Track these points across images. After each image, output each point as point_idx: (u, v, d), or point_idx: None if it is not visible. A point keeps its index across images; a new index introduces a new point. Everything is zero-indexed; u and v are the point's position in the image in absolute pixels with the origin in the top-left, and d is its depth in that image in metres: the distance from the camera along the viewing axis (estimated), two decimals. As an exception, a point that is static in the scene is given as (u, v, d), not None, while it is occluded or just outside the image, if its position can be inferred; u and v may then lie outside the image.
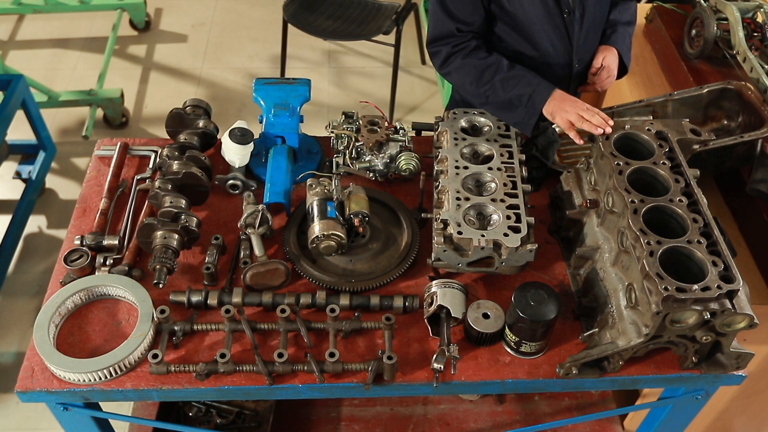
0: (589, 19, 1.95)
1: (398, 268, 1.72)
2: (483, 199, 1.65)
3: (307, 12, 3.57)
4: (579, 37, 1.95)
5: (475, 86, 1.88)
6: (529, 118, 1.84)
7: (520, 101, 1.83)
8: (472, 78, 1.89)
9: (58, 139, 3.70)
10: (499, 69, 1.86)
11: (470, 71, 1.88)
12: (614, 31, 2.06)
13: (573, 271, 1.75)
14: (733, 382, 1.62)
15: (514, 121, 1.87)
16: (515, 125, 1.88)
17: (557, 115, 1.81)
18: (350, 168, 1.93)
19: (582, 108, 1.78)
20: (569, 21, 1.91)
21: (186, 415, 2.20)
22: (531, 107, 1.83)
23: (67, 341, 1.58)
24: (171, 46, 4.38)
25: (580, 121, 1.75)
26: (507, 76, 1.85)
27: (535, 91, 1.82)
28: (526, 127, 1.86)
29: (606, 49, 2.04)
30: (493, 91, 1.86)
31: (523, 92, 1.83)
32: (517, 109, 1.85)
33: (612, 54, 2.03)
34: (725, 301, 1.40)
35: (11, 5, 4.11)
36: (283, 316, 1.57)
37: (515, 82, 1.84)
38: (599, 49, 2.04)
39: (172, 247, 1.64)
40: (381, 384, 1.55)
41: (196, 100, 2.03)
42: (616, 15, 2.07)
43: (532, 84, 1.83)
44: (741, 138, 1.94)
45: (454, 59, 1.90)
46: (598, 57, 2.03)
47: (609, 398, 2.30)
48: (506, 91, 1.84)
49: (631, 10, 2.11)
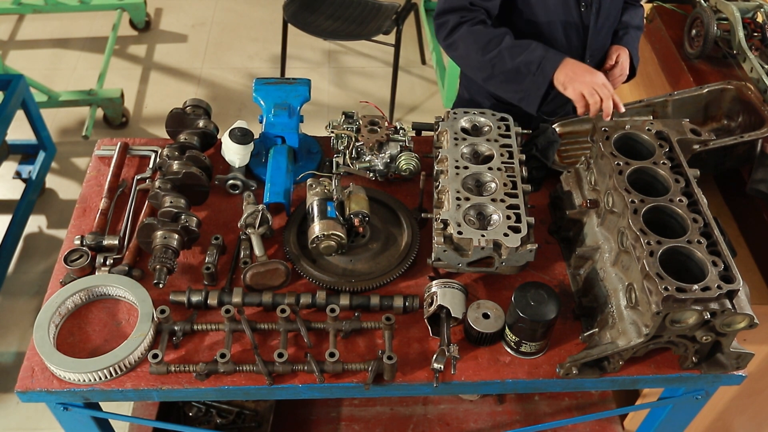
0: (604, 15, 1.98)
1: (398, 268, 1.72)
2: (483, 199, 1.65)
3: (307, 12, 3.57)
4: (593, 32, 1.97)
5: (481, 54, 1.80)
6: (537, 87, 1.75)
7: (529, 69, 1.74)
8: (478, 46, 1.80)
9: (58, 139, 3.70)
10: (506, 37, 1.79)
11: (477, 39, 1.81)
12: (627, 32, 2.09)
13: (573, 271, 1.75)
14: (733, 382, 1.62)
15: (520, 96, 1.78)
16: (521, 101, 1.79)
17: (570, 85, 1.71)
18: (350, 168, 1.93)
19: (598, 82, 1.68)
20: (585, 15, 1.93)
21: (186, 415, 2.20)
22: (540, 75, 1.73)
23: (67, 341, 1.58)
24: (171, 46, 4.38)
25: (592, 96, 1.66)
26: (515, 43, 1.77)
27: (545, 57, 1.74)
28: (534, 99, 1.77)
29: (620, 48, 2.07)
30: (500, 59, 1.77)
31: (532, 59, 1.74)
32: (525, 79, 1.76)
33: (625, 54, 2.06)
34: (725, 301, 1.40)
35: (11, 5, 4.11)
36: (283, 316, 1.57)
37: (523, 50, 1.75)
38: (613, 47, 2.07)
39: (172, 247, 1.64)
40: (381, 384, 1.55)
41: (196, 100, 2.03)
42: (628, 18, 2.11)
43: (542, 51, 1.75)
44: (741, 138, 1.94)
45: (460, 28, 1.84)
46: (612, 55, 2.05)
47: (609, 398, 2.30)
48: (513, 58, 1.75)
49: (640, 15, 2.15)
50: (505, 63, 1.77)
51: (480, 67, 1.84)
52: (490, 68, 1.80)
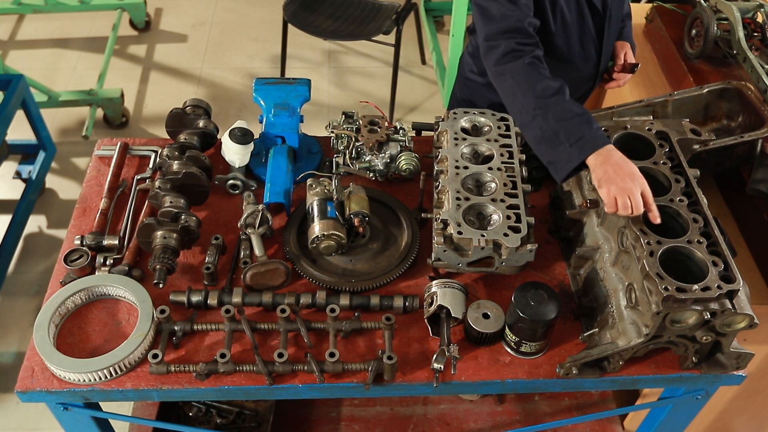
0: (615, 21, 1.99)
1: (398, 268, 1.72)
2: (483, 199, 1.65)
3: (307, 12, 3.57)
4: (607, 39, 1.99)
5: (528, 98, 1.65)
6: (568, 161, 1.59)
7: (568, 138, 1.58)
8: (528, 88, 1.65)
9: (58, 139, 3.70)
10: (560, 92, 1.64)
11: (530, 80, 1.66)
12: (624, 26, 2.10)
13: (573, 271, 1.75)
14: (733, 382, 1.62)
15: (550, 159, 1.63)
16: (549, 165, 1.64)
17: (605, 186, 1.53)
18: (350, 168, 1.93)
19: (636, 191, 1.50)
20: (600, 24, 1.94)
21: (186, 415, 2.20)
22: (575, 150, 1.57)
23: (67, 341, 1.58)
24: (171, 46, 4.38)
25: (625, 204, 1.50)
26: (567, 103, 1.62)
27: (588, 135, 1.57)
28: (562, 170, 1.61)
29: (624, 45, 2.08)
30: (544, 113, 1.61)
31: (575, 130, 1.57)
32: (559, 146, 1.60)
33: (629, 49, 2.08)
34: (725, 301, 1.40)
35: (11, 5, 4.11)
36: (283, 316, 1.57)
37: (571, 115, 1.59)
38: (617, 46, 2.08)
39: (172, 247, 1.64)
40: (381, 384, 1.55)
41: (196, 100, 2.03)
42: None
43: (588, 127, 1.58)
44: (741, 138, 1.94)
45: (516, 60, 1.69)
46: (620, 54, 2.06)
47: (609, 398, 2.30)
48: (558, 119, 1.60)
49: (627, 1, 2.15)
50: (548, 119, 1.61)
51: (522, 110, 1.68)
52: (530, 116, 1.65)
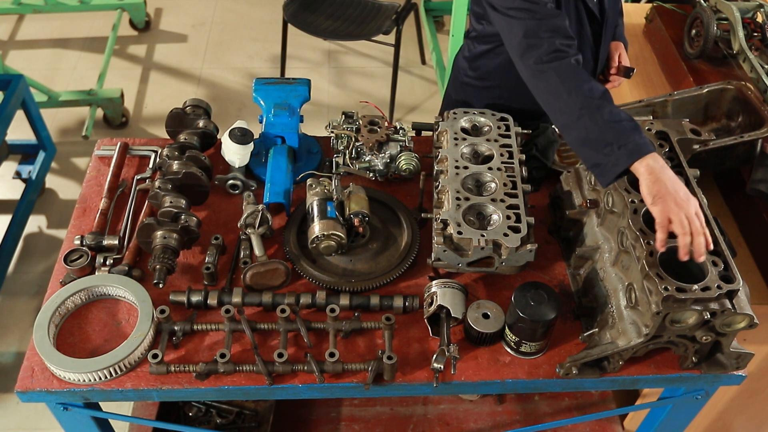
0: (610, 27, 1.99)
1: (398, 268, 1.72)
2: (483, 199, 1.65)
3: (307, 12, 3.57)
4: (604, 45, 1.98)
5: (575, 96, 1.56)
6: (614, 164, 1.51)
7: (617, 140, 1.50)
8: (574, 85, 1.57)
9: (58, 139, 3.70)
10: (606, 96, 1.57)
11: (577, 79, 1.58)
12: (617, 25, 2.09)
13: (573, 271, 1.75)
14: (733, 382, 1.62)
15: (595, 161, 1.55)
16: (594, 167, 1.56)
17: (660, 204, 1.44)
18: (350, 168, 1.93)
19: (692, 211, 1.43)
20: (597, 31, 1.94)
21: (186, 415, 2.20)
22: (624, 154, 1.49)
23: (67, 341, 1.58)
24: (171, 46, 4.38)
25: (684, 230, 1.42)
26: (614, 108, 1.54)
27: (636, 139, 1.49)
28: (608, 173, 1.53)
29: (618, 46, 2.07)
30: (592, 112, 1.54)
31: (623, 135, 1.50)
32: (605, 148, 1.51)
33: (623, 50, 2.08)
34: (725, 301, 1.40)
35: (11, 5, 4.11)
36: (283, 316, 1.57)
37: (620, 119, 1.52)
38: (612, 46, 2.07)
39: (172, 247, 1.64)
40: (381, 384, 1.55)
41: (196, 100, 2.03)
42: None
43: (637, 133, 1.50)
44: (741, 138, 1.94)
45: (560, 58, 1.61)
46: (615, 55, 2.06)
47: (609, 398, 2.30)
48: (606, 121, 1.52)
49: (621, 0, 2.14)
50: (596, 120, 1.53)
51: (566, 109, 1.59)
52: (576, 117, 1.56)
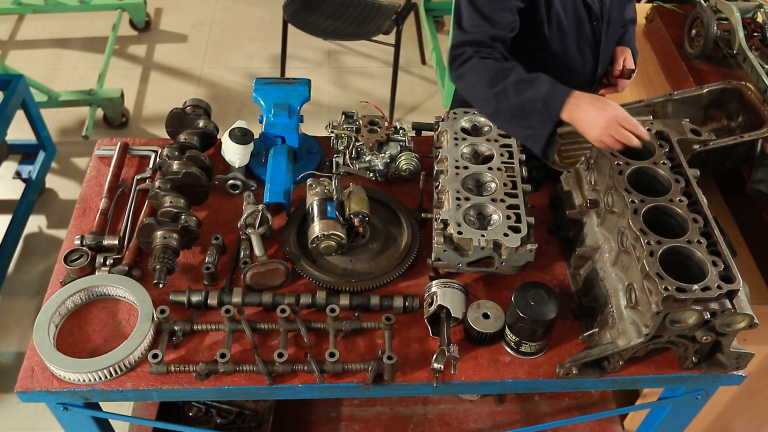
0: (614, 25, 1.98)
1: (398, 268, 1.72)
2: (483, 199, 1.65)
3: (307, 12, 3.57)
4: (605, 44, 1.97)
5: (487, 87, 1.70)
6: (543, 126, 1.64)
7: (534, 106, 1.63)
8: (485, 78, 1.70)
9: (58, 139, 3.70)
10: (514, 72, 1.68)
11: (484, 72, 1.71)
12: (626, 30, 2.09)
13: (573, 271, 1.75)
14: (733, 382, 1.62)
15: (526, 134, 1.69)
16: (527, 140, 1.70)
17: (589, 133, 1.60)
18: (350, 168, 1.93)
19: (612, 123, 1.57)
20: (598, 29, 1.93)
21: (186, 415, 2.20)
22: (546, 112, 1.63)
23: (67, 341, 1.58)
24: (171, 46, 4.38)
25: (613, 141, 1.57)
26: (522, 78, 1.67)
27: (550, 93, 1.63)
28: (539, 138, 1.67)
29: (624, 50, 2.06)
30: (505, 95, 1.67)
31: (537, 95, 1.63)
32: (530, 116, 1.65)
33: (629, 54, 2.06)
34: (725, 301, 1.40)
35: (11, 5, 4.11)
36: (283, 316, 1.57)
37: (529, 85, 1.65)
38: (617, 51, 2.06)
39: (172, 247, 1.64)
40: (381, 384, 1.55)
41: (196, 100, 2.03)
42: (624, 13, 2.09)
43: (548, 86, 1.64)
44: (741, 138, 1.94)
45: (471, 60, 1.74)
46: (619, 59, 2.05)
47: (609, 398, 2.30)
48: (519, 93, 1.65)
49: (633, 7, 2.13)
50: (510, 98, 1.66)
51: (486, 100, 1.72)
52: (495, 103, 1.70)
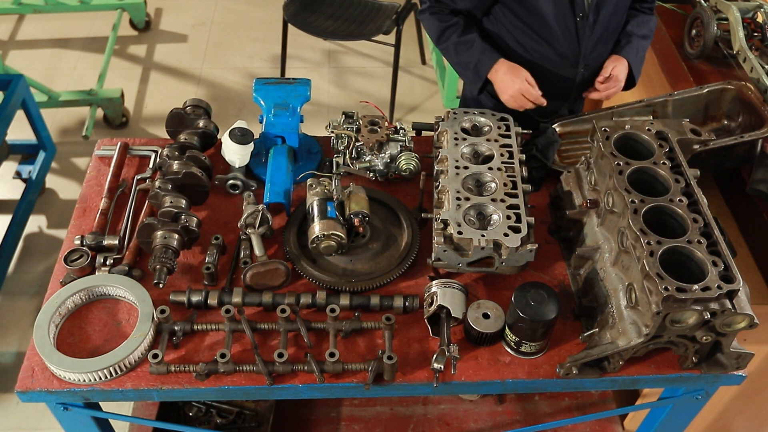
0: (602, 26, 1.95)
1: (398, 268, 1.72)
2: (483, 199, 1.65)
3: (307, 12, 3.57)
4: (588, 43, 1.95)
5: (436, 42, 2.07)
6: (473, 85, 2.05)
7: (467, 67, 2.03)
8: (433, 35, 2.07)
9: (58, 139, 3.70)
10: (455, 31, 2.02)
11: (432, 29, 2.06)
12: (629, 42, 2.05)
13: (573, 271, 1.75)
14: (733, 382, 1.62)
15: (466, 81, 2.14)
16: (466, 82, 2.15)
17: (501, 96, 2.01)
18: (350, 168, 1.93)
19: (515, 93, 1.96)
20: (581, 25, 1.92)
21: (186, 415, 2.20)
22: (475, 75, 2.02)
23: (67, 341, 1.58)
24: (171, 46, 4.38)
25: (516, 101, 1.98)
26: (460, 41, 2.01)
27: (479, 60, 1.99)
28: (473, 88, 2.07)
29: (617, 59, 2.03)
30: (448, 53, 2.06)
31: (469, 60, 2.01)
32: (466, 72, 2.06)
33: (622, 65, 2.02)
34: (725, 301, 1.40)
35: (11, 5, 4.11)
36: (283, 316, 1.57)
37: (465, 48, 2.01)
38: (610, 57, 2.04)
39: (172, 247, 1.64)
40: (381, 384, 1.55)
41: (196, 100, 2.03)
42: (633, 27, 2.05)
43: (479, 53, 1.99)
44: (741, 138, 1.94)
45: (428, 12, 2.07)
46: (608, 66, 2.02)
47: (609, 398, 2.30)
48: (457, 54, 2.03)
49: (650, 24, 2.10)
50: (451, 57, 2.06)
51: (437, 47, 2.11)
52: (443, 53, 2.09)
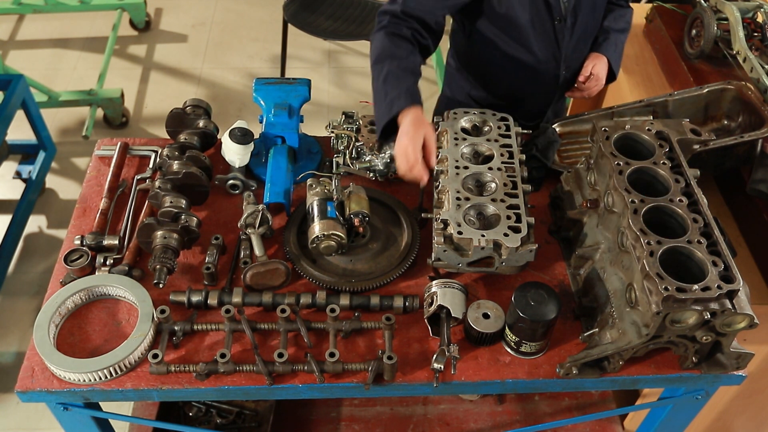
0: (581, 28, 1.94)
1: (398, 268, 1.72)
2: (483, 199, 1.65)
3: (307, 12, 3.57)
4: (568, 46, 1.94)
5: (372, 60, 1.80)
6: (381, 119, 1.73)
7: (386, 97, 1.73)
8: (374, 53, 1.80)
9: (58, 139, 3.70)
10: (395, 61, 1.75)
11: (377, 47, 1.79)
12: (606, 38, 2.04)
13: (573, 271, 1.75)
14: (733, 382, 1.62)
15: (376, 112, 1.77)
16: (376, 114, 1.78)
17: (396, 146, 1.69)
18: (350, 168, 1.93)
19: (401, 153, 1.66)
20: (559, 29, 1.90)
21: (186, 415, 2.20)
22: (386, 110, 1.71)
23: (67, 341, 1.58)
24: (171, 46, 4.38)
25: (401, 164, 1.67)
26: (394, 72, 1.74)
27: (395, 98, 1.71)
28: (378, 126, 1.75)
29: (596, 57, 2.02)
30: (378, 74, 1.77)
31: (392, 91, 1.72)
32: (380, 103, 1.74)
33: (602, 62, 2.02)
34: (725, 301, 1.40)
35: (11, 5, 4.11)
36: (283, 316, 1.57)
37: (393, 80, 1.73)
38: (589, 56, 2.03)
39: (172, 247, 1.64)
40: (381, 384, 1.55)
41: (196, 100, 2.03)
42: (610, 22, 2.05)
43: (398, 92, 1.71)
44: (741, 138, 1.94)
45: (382, 31, 1.80)
46: (588, 65, 2.02)
47: (609, 398, 2.30)
48: (385, 81, 1.74)
49: (627, 17, 2.09)
50: (378, 81, 1.76)
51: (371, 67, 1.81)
52: (372, 73, 1.79)
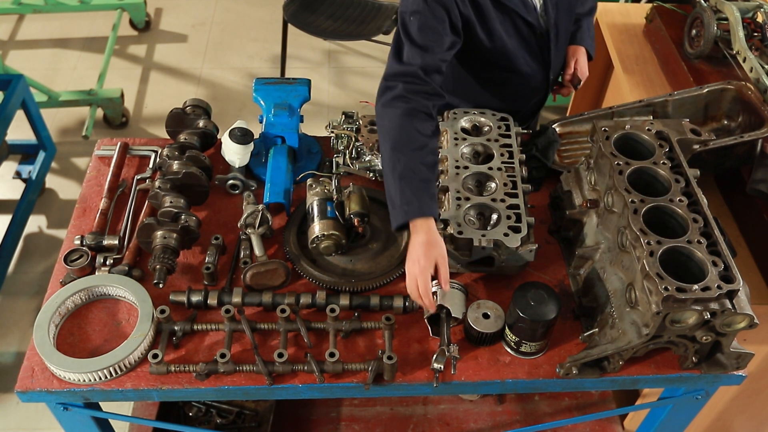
0: (563, 37, 1.94)
1: (398, 268, 1.72)
2: (483, 199, 1.65)
3: (307, 12, 3.57)
4: (555, 55, 1.94)
5: (388, 148, 1.59)
6: (395, 216, 1.56)
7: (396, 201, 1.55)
8: (391, 137, 1.59)
9: (58, 139, 3.70)
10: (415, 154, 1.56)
11: (399, 130, 1.58)
12: (579, 27, 2.03)
13: (573, 271, 1.75)
14: (733, 382, 1.62)
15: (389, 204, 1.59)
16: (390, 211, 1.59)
17: (408, 265, 1.54)
18: (350, 168, 1.93)
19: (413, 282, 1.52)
20: (543, 44, 1.89)
21: (186, 415, 2.20)
22: (399, 214, 1.55)
23: (67, 341, 1.58)
24: (171, 46, 4.38)
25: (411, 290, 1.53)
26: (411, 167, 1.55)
27: (410, 204, 1.53)
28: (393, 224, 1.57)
29: (575, 51, 2.02)
30: (392, 165, 1.57)
31: (406, 194, 1.54)
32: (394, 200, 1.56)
33: (582, 54, 2.03)
34: (725, 301, 1.40)
35: (11, 5, 4.11)
36: (283, 316, 1.57)
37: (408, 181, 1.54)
38: (569, 51, 2.02)
39: (172, 247, 1.64)
40: (381, 384, 1.55)
41: (196, 100, 2.03)
42: (578, 8, 2.02)
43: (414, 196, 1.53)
44: (741, 138, 1.94)
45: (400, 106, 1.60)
46: (570, 61, 2.01)
47: (609, 398, 2.30)
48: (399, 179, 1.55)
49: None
50: (388, 176, 1.58)
51: (384, 152, 1.62)
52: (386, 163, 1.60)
